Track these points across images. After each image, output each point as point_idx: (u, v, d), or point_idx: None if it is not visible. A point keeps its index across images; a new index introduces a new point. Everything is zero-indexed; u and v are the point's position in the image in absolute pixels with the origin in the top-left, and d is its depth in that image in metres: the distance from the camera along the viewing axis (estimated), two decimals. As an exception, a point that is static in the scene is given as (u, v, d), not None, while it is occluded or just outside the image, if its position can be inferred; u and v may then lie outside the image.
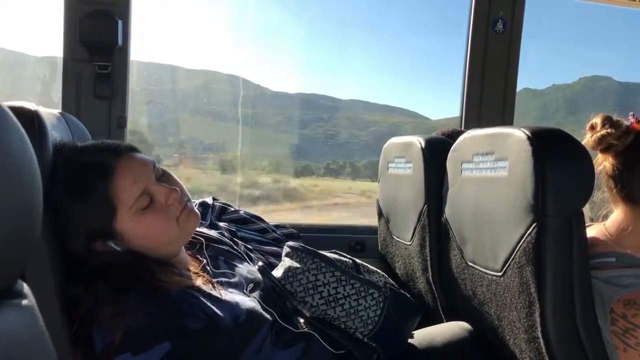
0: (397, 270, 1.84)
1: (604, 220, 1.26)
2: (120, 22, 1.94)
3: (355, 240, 2.21)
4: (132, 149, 1.12)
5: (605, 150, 1.18)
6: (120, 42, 1.96)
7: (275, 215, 3.11)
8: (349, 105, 3.94)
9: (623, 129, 1.15)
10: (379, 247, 2.03)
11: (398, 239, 1.81)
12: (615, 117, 1.18)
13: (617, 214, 1.21)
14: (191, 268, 1.14)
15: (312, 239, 1.99)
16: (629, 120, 1.17)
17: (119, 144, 1.12)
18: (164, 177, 1.13)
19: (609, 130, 1.15)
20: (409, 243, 1.68)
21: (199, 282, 1.07)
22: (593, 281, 1.08)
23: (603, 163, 1.20)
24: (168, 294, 1.00)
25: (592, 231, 1.24)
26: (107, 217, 1.04)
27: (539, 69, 2.22)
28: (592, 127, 1.19)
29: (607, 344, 1.05)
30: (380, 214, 2.00)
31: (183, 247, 1.19)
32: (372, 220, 2.14)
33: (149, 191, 1.06)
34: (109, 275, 1.01)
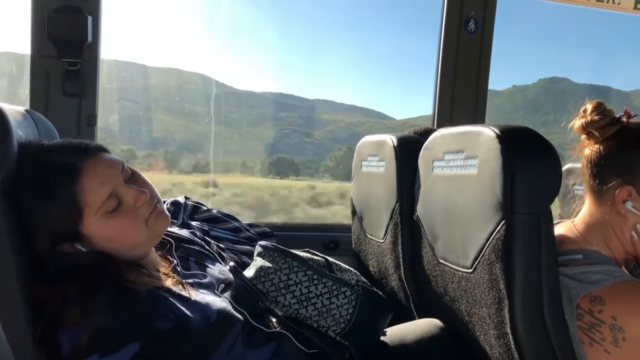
0: (371, 268, 1.85)
1: (573, 217, 1.28)
2: (90, 19, 1.91)
3: (330, 238, 2.21)
4: (101, 149, 1.10)
5: (588, 136, 1.20)
6: (90, 38, 1.92)
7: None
8: (313, 105, 3.96)
9: (609, 120, 1.16)
10: (353, 245, 2.04)
11: (371, 237, 1.82)
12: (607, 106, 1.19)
13: (585, 211, 1.23)
14: (161, 269, 1.12)
15: (286, 238, 1.99)
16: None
17: (87, 144, 1.09)
18: (133, 178, 1.11)
19: (595, 118, 1.17)
20: (382, 241, 1.69)
21: (168, 282, 1.06)
22: (561, 278, 1.10)
23: (584, 149, 1.22)
24: (137, 295, 0.98)
25: (561, 228, 1.26)
26: (74, 219, 1.02)
27: (500, 70, 2.25)
28: (584, 112, 1.20)
29: (573, 339, 1.07)
30: (354, 212, 2.01)
31: (153, 247, 1.17)
32: (346, 219, 2.15)
33: (117, 193, 1.05)
34: (76, 275, 0.99)
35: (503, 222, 1.05)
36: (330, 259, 1.33)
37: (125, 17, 2.42)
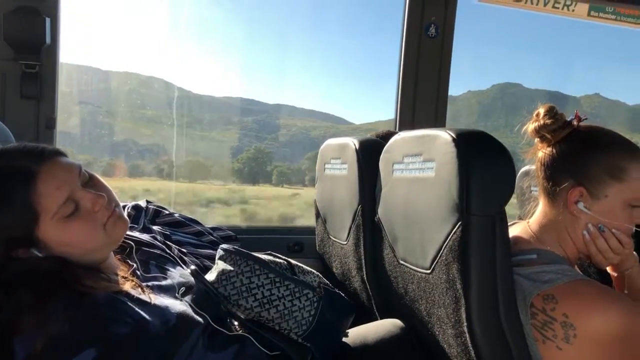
0: (334, 270, 1.87)
1: (528, 218, 1.32)
2: (48, 20, 1.87)
3: (294, 240, 2.22)
4: (57, 153, 1.08)
5: (541, 139, 1.24)
6: (48, 40, 1.89)
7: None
8: (272, 109, 3.97)
9: (561, 123, 1.21)
10: (317, 247, 2.05)
11: (335, 239, 1.84)
12: (558, 110, 1.23)
13: (539, 212, 1.27)
14: (120, 272, 1.11)
15: (250, 241, 1.99)
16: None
17: (43, 147, 1.08)
18: (91, 182, 1.09)
19: (547, 121, 1.21)
20: (345, 242, 1.71)
21: (127, 286, 1.05)
22: (515, 277, 1.13)
23: (537, 152, 1.26)
24: (94, 300, 0.97)
25: (517, 229, 1.30)
26: (29, 224, 1.00)
27: (456, 75, 2.30)
28: (537, 116, 1.24)
29: (527, 337, 1.10)
30: (317, 215, 2.02)
31: (112, 251, 1.16)
32: (311, 221, 2.16)
33: (74, 197, 1.03)
34: (31, 281, 0.97)
35: (459, 223, 1.08)
36: (292, 261, 1.33)
37: (85, 19, 2.38)
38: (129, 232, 1.30)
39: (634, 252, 1.27)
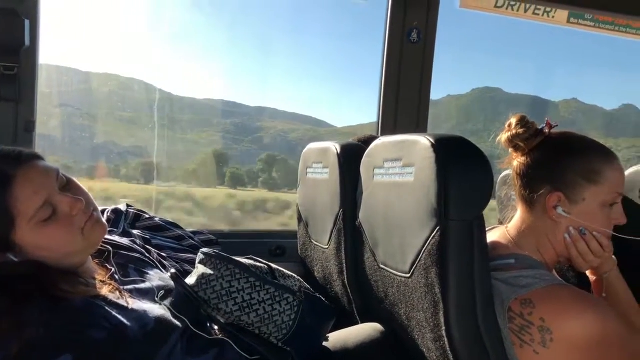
0: (316, 274, 1.87)
1: (507, 224, 1.34)
2: (27, 22, 1.85)
3: (276, 245, 2.22)
4: (35, 157, 1.07)
5: (515, 149, 1.26)
6: (28, 42, 1.87)
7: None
8: (252, 111, 3.96)
9: (532, 132, 1.23)
10: (299, 252, 2.05)
11: (316, 243, 1.84)
12: (529, 119, 1.25)
13: (517, 217, 1.29)
14: (98, 277, 1.10)
15: (232, 245, 1.99)
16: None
17: (20, 151, 1.07)
18: (68, 186, 1.09)
19: (520, 131, 1.23)
20: (327, 247, 1.71)
21: (105, 290, 1.04)
22: (494, 282, 1.14)
23: (513, 161, 1.28)
24: (71, 304, 0.96)
25: (495, 234, 1.32)
26: (5, 228, 0.99)
27: (436, 79, 2.32)
28: (509, 126, 1.26)
29: (505, 341, 1.11)
30: (300, 219, 2.02)
31: (90, 256, 1.15)
32: (293, 225, 2.16)
33: (52, 201, 1.03)
34: (7, 286, 0.97)
35: (438, 228, 1.08)
36: (273, 265, 1.33)
37: (65, 21, 2.36)
38: (108, 236, 1.29)
39: (613, 256, 1.29)
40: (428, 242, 1.11)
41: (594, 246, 1.20)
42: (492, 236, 1.30)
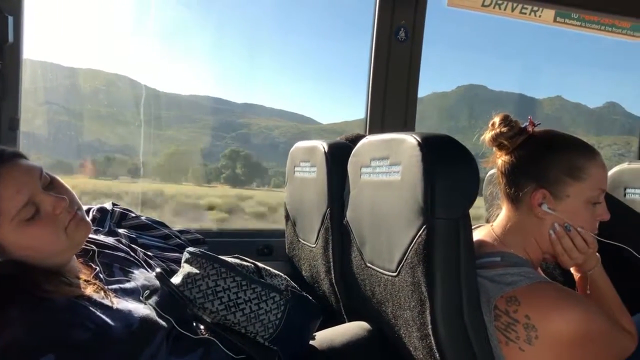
0: (303, 273, 1.87)
1: (492, 222, 1.35)
2: (11, 18, 1.83)
3: (263, 243, 2.21)
4: (17, 155, 1.06)
5: (499, 147, 1.27)
6: (11, 39, 1.84)
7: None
8: (239, 108, 3.95)
9: (516, 130, 1.23)
10: (286, 250, 2.05)
11: (304, 242, 1.84)
12: (513, 118, 1.26)
13: (502, 215, 1.30)
14: (82, 276, 1.09)
15: (219, 244, 1.98)
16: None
17: (2, 149, 1.05)
18: (52, 185, 1.07)
19: (504, 129, 1.23)
20: (314, 245, 1.71)
21: (89, 290, 1.03)
22: (480, 280, 1.15)
23: (497, 160, 1.28)
24: (53, 304, 0.95)
25: (481, 232, 1.32)
26: None
27: (422, 76, 2.32)
28: (492, 125, 1.26)
29: (491, 339, 1.12)
30: (287, 217, 2.02)
31: (74, 255, 1.14)
32: (280, 224, 2.15)
33: (35, 200, 1.01)
34: None
35: (424, 226, 1.09)
36: (260, 264, 1.33)
37: (50, 17, 2.33)
38: (93, 235, 1.28)
39: (597, 253, 1.31)
40: (414, 240, 1.11)
41: (578, 242, 1.21)
42: (477, 234, 1.30)
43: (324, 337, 1.36)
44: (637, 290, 1.43)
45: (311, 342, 1.32)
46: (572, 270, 1.36)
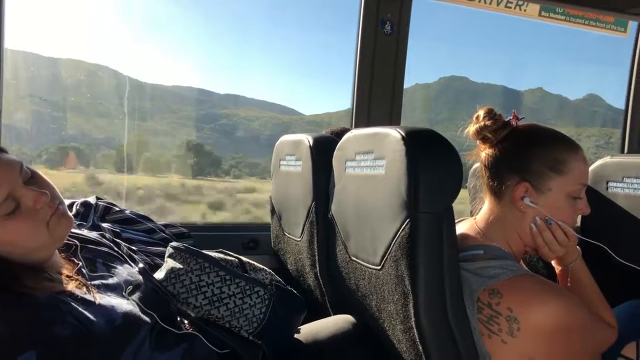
0: (289, 266, 1.87)
1: (475, 215, 1.35)
2: None
3: (249, 237, 2.21)
4: None
5: (482, 140, 1.27)
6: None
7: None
8: (221, 99, 3.92)
9: (500, 124, 1.24)
10: (272, 244, 2.05)
11: (289, 236, 1.84)
12: (497, 111, 1.26)
13: (485, 209, 1.31)
14: (64, 271, 1.08)
15: (204, 238, 1.97)
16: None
17: None
18: (33, 179, 1.06)
19: (488, 123, 1.24)
20: (299, 239, 1.71)
21: (71, 286, 1.02)
22: (463, 272, 1.16)
23: (480, 153, 1.29)
24: (35, 301, 0.94)
25: (464, 226, 1.33)
26: None
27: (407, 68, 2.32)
28: (477, 118, 1.27)
29: (474, 332, 1.13)
30: (272, 211, 2.02)
31: (56, 250, 1.13)
32: (266, 218, 2.15)
33: (15, 195, 1.00)
34: None
35: (408, 220, 1.09)
36: (244, 259, 1.33)
37: (33, 7, 2.30)
38: (75, 230, 1.27)
39: (577, 246, 1.32)
40: (398, 234, 1.12)
41: (559, 235, 1.22)
42: (461, 228, 1.31)
43: (309, 330, 1.36)
44: (617, 282, 1.45)
45: (296, 336, 1.33)
46: (553, 263, 1.37)
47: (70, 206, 1.47)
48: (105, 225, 1.47)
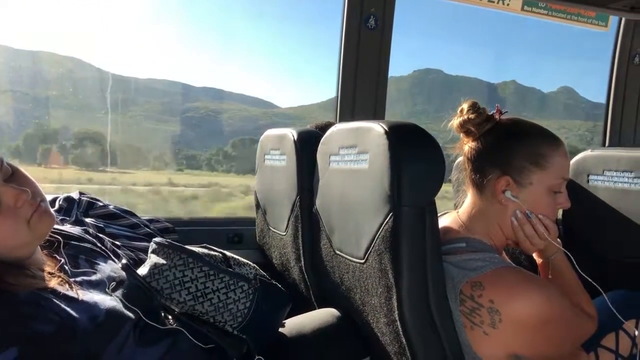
0: (274, 261, 1.87)
1: (458, 209, 1.37)
2: None
3: (234, 232, 2.21)
4: None
5: (466, 134, 1.28)
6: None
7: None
8: (197, 93, 3.89)
9: (483, 117, 1.25)
10: (257, 239, 2.05)
11: (274, 230, 1.84)
12: (480, 105, 1.28)
13: (467, 203, 1.32)
14: (46, 268, 1.07)
15: (189, 233, 1.97)
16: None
17: None
18: (14, 177, 1.05)
19: (471, 116, 1.25)
20: (284, 233, 1.71)
21: (53, 283, 1.01)
22: (445, 265, 1.17)
23: (464, 147, 1.30)
24: (15, 298, 0.94)
25: (447, 219, 1.34)
26: None
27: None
28: (461, 111, 1.28)
29: (456, 324, 1.14)
30: (257, 206, 2.02)
31: (38, 247, 1.12)
32: (250, 212, 2.15)
33: None
34: None
35: (391, 214, 1.10)
36: (228, 253, 1.33)
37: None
38: (58, 226, 1.25)
39: (558, 239, 1.34)
40: (381, 228, 1.12)
41: (540, 229, 1.24)
42: (444, 221, 1.32)
43: (294, 324, 1.37)
44: (597, 274, 1.47)
45: (280, 330, 1.33)
46: (535, 255, 1.39)
47: (53, 201, 1.45)
48: (88, 220, 1.46)
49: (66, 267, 1.12)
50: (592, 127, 4.80)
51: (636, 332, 1.35)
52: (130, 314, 1.07)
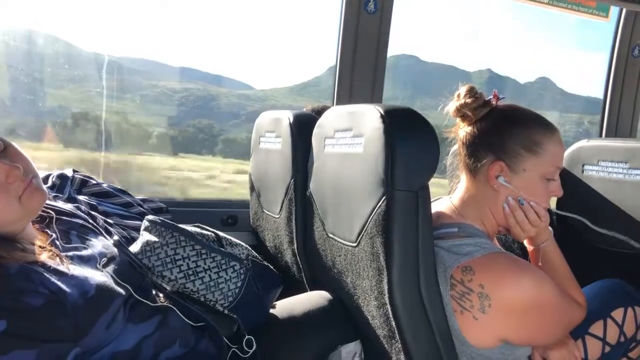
0: (267, 243, 1.87)
1: (451, 194, 1.37)
2: None
3: (228, 214, 2.20)
4: None
5: (462, 118, 1.28)
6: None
7: None
8: (172, 71, 3.80)
9: (480, 102, 1.25)
10: (251, 221, 2.05)
11: (268, 212, 1.84)
12: (478, 90, 1.27)
13: (461, 188, 1.32)
14: (37, 242, 1.07)
15: (183, 214, 1.97)
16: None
17: None
18: (6, 152, 1.04)
19: (468, 100, 1.25)
20: (278, 216, 1.71)
21: (44, 256, 1.01)
22: (437, 250, 1.17)
23: (459, 131, 1.30)
24: (6, 270, 0.93)
25: (441, 204, 1.34)
26: None
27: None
28: (458, 96, 1.28)
29: (446, 308, 1.14)
30: (252, 188, 2.02)
31: (30, 221, 1.12)
32: (245, 194, 2.15)
33: None
34: None
35: (384, 197, 1.10)
36: (220, 233, 1.33)
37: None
38: (51, 202, 1.25)
39: (549, 227, 1.34)
40: (374, 211, 1.12)
41: (531, 216, 1.24)
42: (437, 206, 1.32)
43: (285, 305, 1.37)
44: (587, 263, 1.48)
45: (271, 311, 1.34)
46: (525, 242, 1.40)
47: (46, 178, 1.45)
48: (81, 197, 1.45)
49: (57, 242, 1.12)
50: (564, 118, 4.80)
51: (624, 321, 1.36)
52: (121, 290, 1.07)
